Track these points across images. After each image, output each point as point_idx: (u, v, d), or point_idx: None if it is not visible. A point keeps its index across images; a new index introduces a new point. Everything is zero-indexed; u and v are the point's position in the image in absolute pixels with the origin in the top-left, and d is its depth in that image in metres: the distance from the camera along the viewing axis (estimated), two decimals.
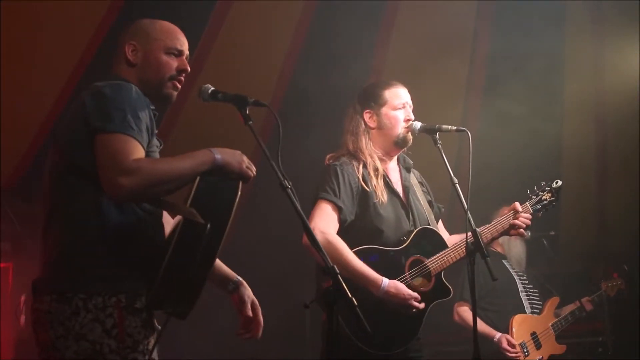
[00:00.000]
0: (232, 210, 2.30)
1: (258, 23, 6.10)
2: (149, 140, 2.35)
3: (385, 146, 3.48)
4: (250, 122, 2.50)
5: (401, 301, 3.17)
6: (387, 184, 3.42)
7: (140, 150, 2.25)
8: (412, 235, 3.36)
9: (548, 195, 3.58)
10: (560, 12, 6.26)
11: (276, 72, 6.45)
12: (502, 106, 6.02)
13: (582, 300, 5.35)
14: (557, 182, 3.59)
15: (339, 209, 3.29)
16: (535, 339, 5.04)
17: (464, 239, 3.15)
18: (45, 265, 2.34)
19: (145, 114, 2.34)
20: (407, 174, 3.55)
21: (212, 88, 2.59)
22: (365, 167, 3.39)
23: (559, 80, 6.57)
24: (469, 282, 3.10)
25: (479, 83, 6.72)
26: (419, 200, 3.54)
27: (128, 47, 2.51)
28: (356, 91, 3.66)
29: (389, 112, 3.46)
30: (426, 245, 3.37)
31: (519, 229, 3.41)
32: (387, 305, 3.17)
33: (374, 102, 3.49)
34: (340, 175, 3.33)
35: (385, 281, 3.17)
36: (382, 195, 3.35)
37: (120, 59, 2.53)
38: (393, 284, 3.18)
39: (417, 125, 3.40)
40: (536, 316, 5.17)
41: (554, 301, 5.32)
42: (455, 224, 3.96)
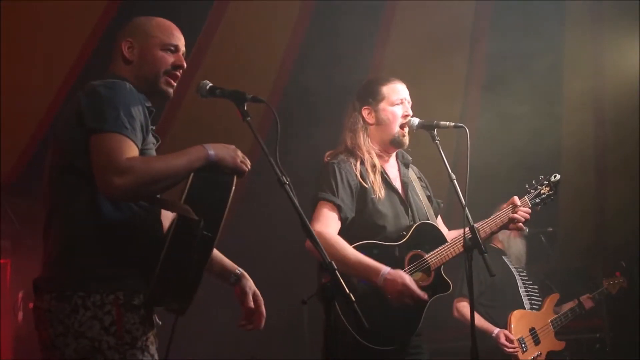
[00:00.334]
0: (226, 205, 2.31)
1: (256, 20, 6.10)
2: (144, 138, 2.36)
3: (383, 142, 3.48)
4: (249, 119, 2.50)
5: (402, 288, 3.13)
6: (385, 179, 3.42)
7: (134, 149, 2.26)
8: (411, 230, 3.36)
9: (547, 189, 3.57)
10: (560, 11, 6.26)
11: (275, 69, 6.46)
12: (502, 103, 6.03)
13: (582, 298, 5.35)
14: (555, 176, 3.58)
15: (338, 208, 3.29)
16: (534, 334, 5.05)
17: (461, 234, 3.15)
18: (46, 264, 2.36)
19: (140, 111, 2.35)
20: (405, 170, 3.55)
21: (211, 84, 2.59)
22: (362, 163, 3.39)
23: (559, 78, 6.57)
24: (467, 278, 3.11)
25: (478, 81, 6.73)
26: (418, 195, 3.54)
27: (124, 44, 2.53)
28: (355, 89, 3.66)
29: (387, 108, 3.46)
30: (425, 240, 3.38)
31: (518, 223, 3.41)
32: (389, 294, 3.14)
33: (372, 98, 3.49)
34: (337, 174, 3.34)
35: (385, 269, 3.16)
36: (380, 191, 3.35)
37: (117, 56, 2.54)
38: (393, 271, 3.16)
39: (416, 121, 3.40)
40: (535, 312, 5.18)
41: (553, 298, 5.33)
42: (454, 220, 3.97)
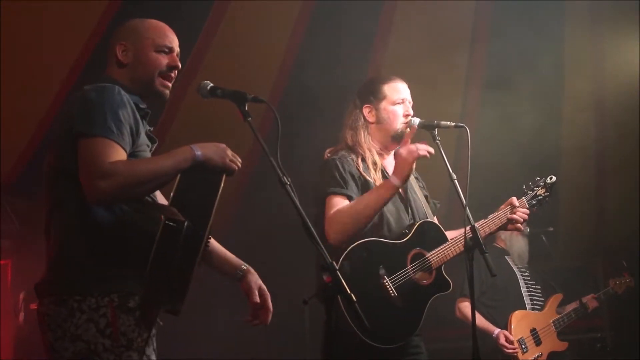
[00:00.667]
0: (213, 205, 2.32)
1: (257, 19, 6.10)
2: (134, 141, 2.37)
3: (383, 141, 3.49)
4: (249, 119, 2.50)
5: (412, 153, 3.21)
6: (385, 177, 3.42)
7: (120, 153, 2.27)
8: (414, 229, 3.36)
9: (542, 190, 3.60)
10: (561, 11, 6.26)
11: (275, 68, 6.46)
12: (502, 103, 6.02)
13: (587, 298, 5.32)
14: (551, 178, 3.60)
15: (349, 198, 3.29)
16: (535, 335, 5.04)
17: (463, 233, 3.15)
18: (45, 268, 2.39)
19: (129, 115, 2.35)
20: None
21: (211, 84, 2.60)
22: (363, 160, 3.39)
23: (559, 78, 6.57)
24: (468, 278, 3.11)
25: (479, 80, 6.72)
26: (417, 194, 3.55)
27: (119, 47, 2.54)
28: (355, 88, 3.66)
29: (387, 107, 3.46)
30: (427, 239, 3.38)
31: (517, 224, 3.44)
32: (405, 167, 3.22)
33: (373, 97, 3.49)
34: (341, 167, 3.33)
35: (395, 179, 3.23)
36: None
37: (111, 60, 2.56)
38: (395, 169, 3.27)
39: (416, 121, 3.40)
40: (537, 312, 5.17)
41: (556, 298, 5.30)
42: (455, 220, 3.96)
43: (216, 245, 2.71)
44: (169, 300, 2.27)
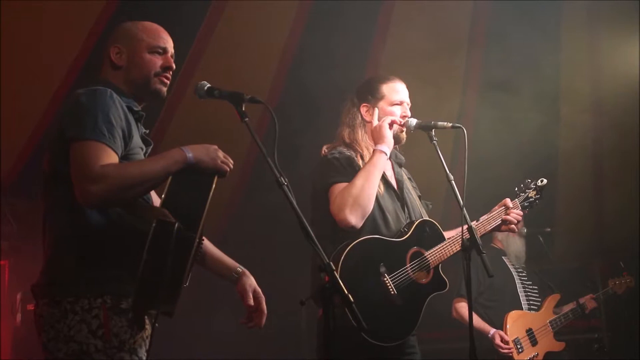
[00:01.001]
0: (205, 206, 2.32)
1: (254, 20, 6.10)
2: (126, 145, 2.37)
3: None
4: (247, 119, 2.50)
5: (384, 120, 3.35)
6: (382, 176, 3.42)
7: (112, 156, 2.27)
8: (413, 227, 3.36)
9: (533, 192, 3.63)
10: (558, 12, 6.27)
11: (273, 68, 6.46)
12: (499, 105, 6.02)
13: (585, 298, 5.32)
14: (542, 181, 3.64)
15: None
16: (531, 335, 5.03)
17: (460, 233, 3.15)
18: (41, 270, 2.40)
19: (121, 118, 2.36)
20: (399, 169, 3.56)
21: (208, 85, 2.59)
22: (362, 158, 3.39)
23: (557, 79, 6.57)
24: (465, 279, 3.11)
25: (476, 82, 6.73)
26: (412, 194, 3.55)
27: (112, 50, 2.55)
28: (353, 88, 3.65)
29: (385, 107, 3.46)
30: (426, 238, 3.38)
31: (510, 225, 3.47)
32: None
33: (372, 96, 3.48)
34: (340, 161, 3.33)
35: (380, 145, 3.30)
36: (380, 187, 3.34)
37: (106, 63, 2.57)
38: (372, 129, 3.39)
39: (413, 122, 3.40)
40: (533, 313, 5.16)
41: (553, 298, 5.30)
42: (452, 220, 3.97)
43: (211, 247, 2.71)
44: (161, 301, 2.27)
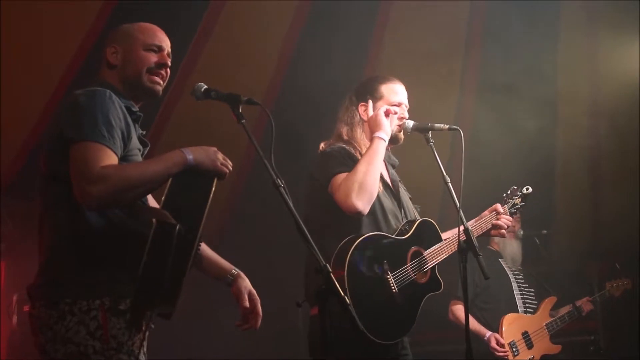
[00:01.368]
0: (205, 208, 2.32)
1: (252, 22, 6.10)
2: (125, 146, 2.37)
3: None
4: (243, 121, 2.50)
5: (379, 124, 3.32)
6: (380, 176, 3.41)
7: (111, 157, 2.27)
8: (414, 226, 3.36)
9: (519, 200, 3.70)
10: (556, 13, 6.28)
11: (271, 69, 6.45)
12: (497, 106, 6.03)
13: (582, 301, 5.32)
14: (527, 189, 3.70)
15: None
16: (527, 338, 5.03)
17: (456, 234, 3.16)
18: (37, 271, 2.39)
19: (120, 119, 2.36)
20: (392, 170, 3.56)
21: (205, 86, 2.59)
22: (361, 155, 3.37)
23: (554, 80, 6.58)
24: (461, 281, 3.11)
25: (473, 83, 6.73)
26: (405, 195, 3.56)
27: (109, 50, 2.56)
28: (351, 89, 3.65)
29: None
30: (425, 238, 3.38)
31: (500, 230, 3.52)
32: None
33: (371, 96, 3.48)
34: (341, 153, 3.31)
35: (378, 133, 3.30)
36: (379, 185, 3.34)
37: (103, 63, 2.57)
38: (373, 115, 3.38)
39: (410, 123, 3.40)
40: (529, 315, 5.15)
41: (550, 301, 5.29)
42: (449, 223, 3.97)
43: (207, 249, 2.71)
44: (160, 303, 2.27)
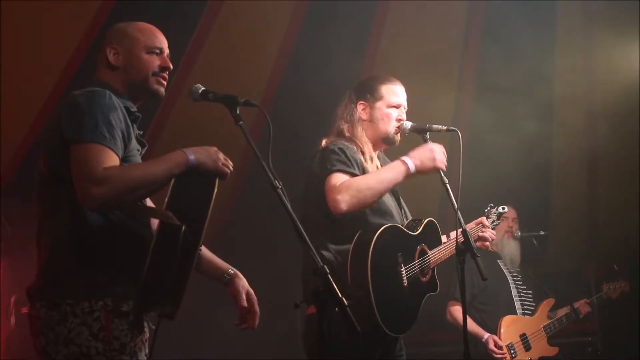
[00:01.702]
0: (208, 208, 2.32)
1: (249, 23, 6.10)
2: (126, 146, 2.37)
3: (373, 139, 3.47)
4: (241, 122, 2.50)
5: (429, 160, 3.24)
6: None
7: (113, 158, 2.26)
8: (422, 224, 3.39)
9: (495, 217, 3.81)
10: (553, 15, 6.29)
11: (269, 69, 6.45)
12: (494, 107, 6.04)
13: (579, 303, 5.32)
14: (504, 208, 3.84)
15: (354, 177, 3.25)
16: (525, 340, 5.03)
17: (453, 237, 3.17)
18: (37, 272, 2.38)
19: (120, 119, 2.35)
20: None
21: (203, 88, 2.59)
22: (362, 154, 3.37)
23: (551, 82, 6.59)
24: (459, 282, 3.12)
25: (471, 84, 6.74)
26: (399, 195, 3.56)
27: (109, 50, 2.54)
28: (349, 88, 3.65)
29: (382, 108, 3.45)
30: (430, 237, 3.40)
31: (485, 242, 3.59)
32: (425, 165, 3.24)
33: (370, 95, 3.48)
34: (344, 152, 3.29)
35: (408, 160, 3.23)
36: None
37: (102, 63, 2.56)
38: (414, 157, 3.26)
39: (408, 124, 3.41)
40: (527, 317, 5.15)
41: (548, 303, 5.29)
42: (447, 224, 3.98)
43: (203, 249, 2.71)
44: (164, 304, 2.28)
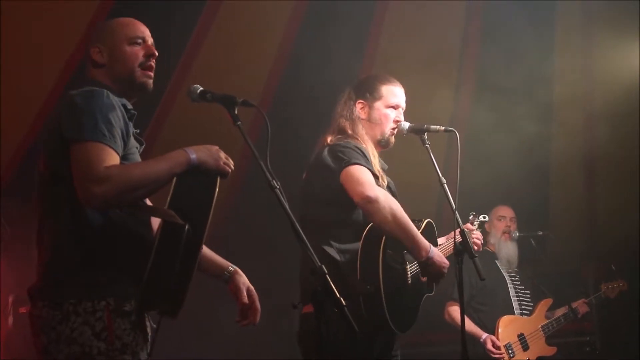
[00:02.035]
0: (210, 207, 2.32)
1: (248, 23, 6.10)
2: (125, 144, 2.37)
3: (370, 138, 3.46)
4: (239, 123, 2.50)
5: (440, 269, 3.23)
6: (379, 177, 3.39)
7: (113, 157, 2.26)
8: (424, 224, 3.41)
9: (477, 224, 3.88)
10: (552, 15, 6.29)
11: (267, 70, 6.45)
12: (493, 107, 6.04)
13: (577, 303, 5.32)
14: (485, 217, 3.94)
15: (373, 175, 3.25)
16: (523, 340, 5.03)
17: (450, 237, 3.19)
18: (38, 272, 2.38)
19: (119, 118, 2.35)
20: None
21: (201, 88, 2.59)
22: (366, 152, 3.37)
23: (550, 82, 6.59)
24: (457, 282, 3.13)
25: (469, 84, 6.74)
26: (397, 195, 3.57)
27: (93, 50, 2.54)
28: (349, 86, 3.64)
29: (381, 108, 3.45)
30: (429, 239, 3.39)
31: (474, 246, 3.60)
32: (429, 272, 3.25)
33: (370, 94, 3.47)
34: (359, 149, 3.29)
35: (432, 249, 3.24)
36: (383, 180, 3.36)
37: (89, 64, 2.56)
38: (437, 252, 3.26)
39: (406, 125, 3.41)
40: (525, 317, 5.17)
41: (546, 303, 5.30)
42: (445, 225, 3.98)
43: (203, 247, 2.71)
44: (167, 304, 2.28)
